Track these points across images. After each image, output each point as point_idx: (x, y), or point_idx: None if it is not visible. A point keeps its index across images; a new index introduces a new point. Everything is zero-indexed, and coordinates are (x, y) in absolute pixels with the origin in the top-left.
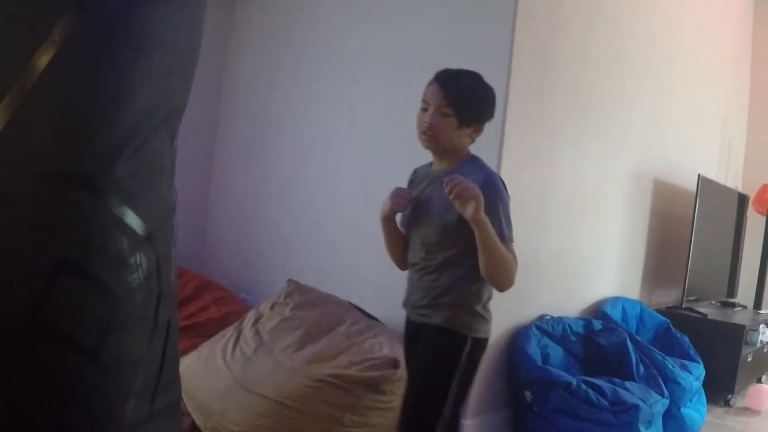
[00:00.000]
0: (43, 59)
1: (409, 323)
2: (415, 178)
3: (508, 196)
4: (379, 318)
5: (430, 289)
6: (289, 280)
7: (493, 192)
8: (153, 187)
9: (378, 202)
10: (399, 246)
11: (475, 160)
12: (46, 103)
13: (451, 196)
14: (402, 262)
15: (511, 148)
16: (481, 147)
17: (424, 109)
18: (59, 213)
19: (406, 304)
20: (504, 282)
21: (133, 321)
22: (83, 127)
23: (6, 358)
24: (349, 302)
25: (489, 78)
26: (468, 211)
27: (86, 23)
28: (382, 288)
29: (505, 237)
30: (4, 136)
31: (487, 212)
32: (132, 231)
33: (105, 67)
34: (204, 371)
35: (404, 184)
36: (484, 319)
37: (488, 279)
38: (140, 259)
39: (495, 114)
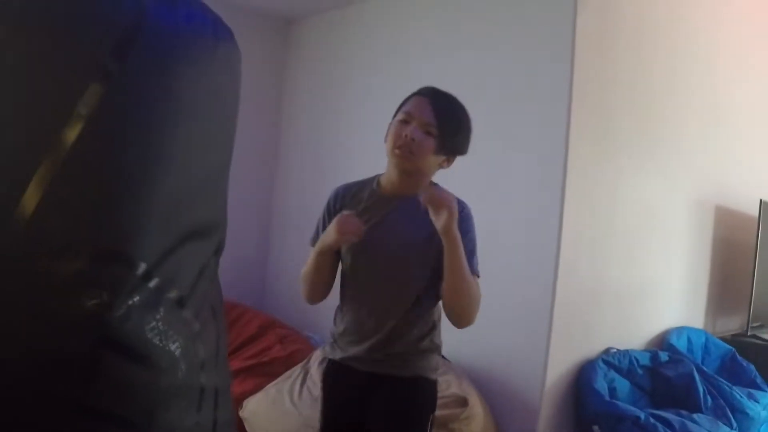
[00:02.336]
0: (71, 134)
1: (350, 372)
2: (351, 198)
3: None
4: (445, 356)
5: (392, 332)
6: None
7: (468, 220)
8: (187, 250)
9: None
10: (328, 279)
11: (439, 188)
12: (78, 179)
13: (425, 201)
14: (322, 296)
15: (573, 179)
16: (543, 184)
17: (404, 122)
18: (97, 289)
19: (341, 347)
20: (465, 312)
21: (178, 393)
22: (115, 202)
23: None
24: None
25: (550, 109)
26: (441, 221)
27: (112, 92)
28: (445, 324)
29: (474, 269)
30: (36, 215)
31: (465, 245)
32: (168, 299)
33: (135, 138)
34: (272, 413)
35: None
36: (440, 355)
37: (449, 307)
38: (178, 327)
39: (557, 149)
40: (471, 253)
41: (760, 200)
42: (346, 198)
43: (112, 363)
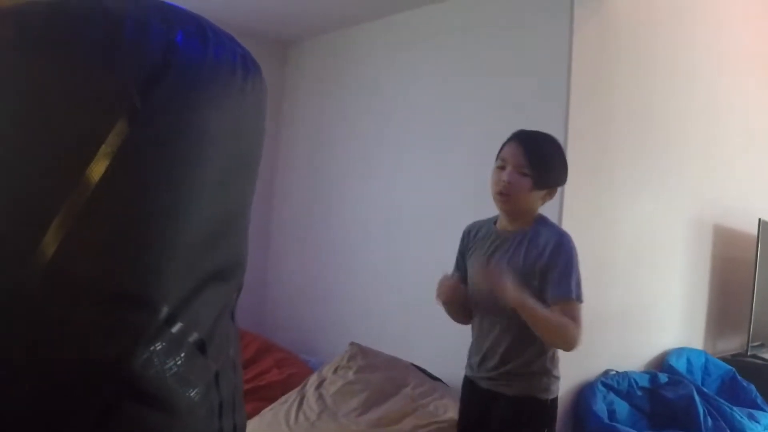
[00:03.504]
0: (96, 172)
1: (474, 389)
2: (474, 235)
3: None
4: (442, 379)
5: (504, 354)
6: (352, 343)
7: (567, 252)
8: (209, 291)
9: (436, 263)
10: (463, 314)
11: (544, 220)
12: (101, 220)
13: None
14: (466, 320)
15: (571, 204)
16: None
17: (501, 168)
18: (119, 337)
19: (473, 369)
20: (564, 346)
21: None
22: (139, 244)
23: None
24: (412, 363)
25: (546, 131)
26: (505, 297)
27: (139, 130)
28: (444, 348)
29: (573, 295)
30: (56, 259)
31: (559, 271)
32: (188, 343)
33: (161, 177)
34: None
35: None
36: (556, 378)
37: (550, 344)
38: (198, 372)
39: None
40: (570, 283)
41: (759, 219)
42: (475, 231)
43: (132, 412)
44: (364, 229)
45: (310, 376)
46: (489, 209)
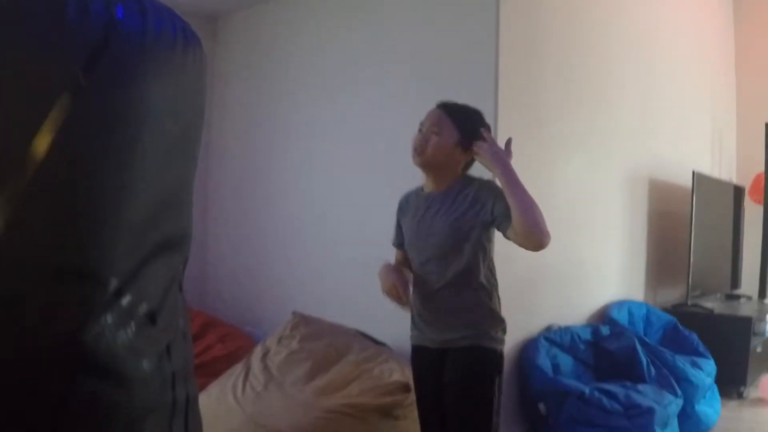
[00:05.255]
0: (42, 146)
1: (425, 354)
2: (406, 202)
3: None
4: (387, 343)
5: (447, 309)
6: (294, 312)
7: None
8: (157, 262)
9: (374, 228)
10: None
11: (471, 178)
12: (46, 196)
13: (481, 158)
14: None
15: None
16: (474, 167)
17: (419, 131)
18: (70, 311)
19: (422, 331)
20: (539, 234)
21: (152, 408)
22: (85, 219)
23: None
24: (356, 330)
25: (477, 96)
26: (484, 161)
27: (83, 104)
28: (387, 313)
29: None
30: (5, 234)
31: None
32: (139, 315)
33: (105, 149)
34: (216, 411)
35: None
36: (504, 328)
37: (524, 228)
38: (150, 342)
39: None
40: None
41: (693, 171)
42: (408, 201)
43: (86, 384)
44: (302, 198)
45: (254, 348)
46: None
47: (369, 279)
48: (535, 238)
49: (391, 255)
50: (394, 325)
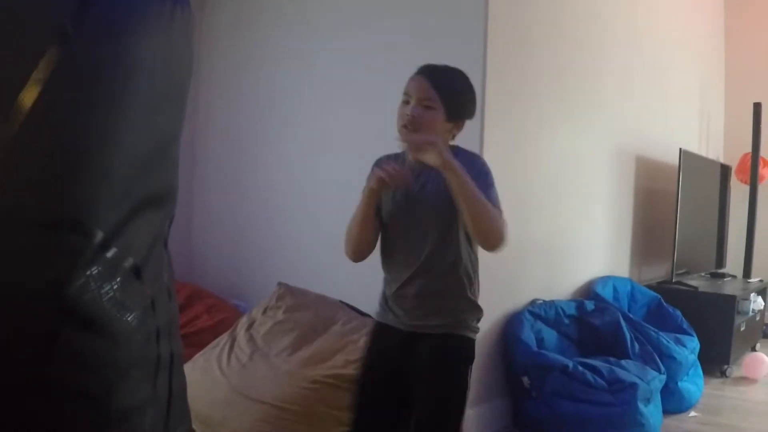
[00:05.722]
0: (29, 98)
1: (392, 335)
2: (385, 164)
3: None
4: (371, 315)
5: (427, 293)
6: (279, 283)
7: (486, 172)
8: (143, 216)
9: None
10: (371, 234)
11: (457, 150)
12: (33, 147)
13: (412, 152)
14: (363, 254)
15: (490, 137)
16: (460, 138)
17: (406, 102)
18: (55, 262)
19: (394, 312)
20: (493, 235)
21: (136, 363)
22: (72, 169)
23: (18, 418)
24: (341, 301)
25: (465, 64)
26: (430, 158)
27: (70, 55)
28: (372, 284)
29: (495, 203)
30: None
31: (481, 184)
32: (124, 268)
33: (93, 102)
34: (201, 381)
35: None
36: (479, 317)
37: (477, 234)
38: (134, 297)
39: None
40: (485, 189)
41: (680, 149)
42: (382, 164)
43: (71, 337)
44: (288, 168)
45: (239, 319)
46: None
47: None
48: (487, 243)
49: None
50: (377, 298)
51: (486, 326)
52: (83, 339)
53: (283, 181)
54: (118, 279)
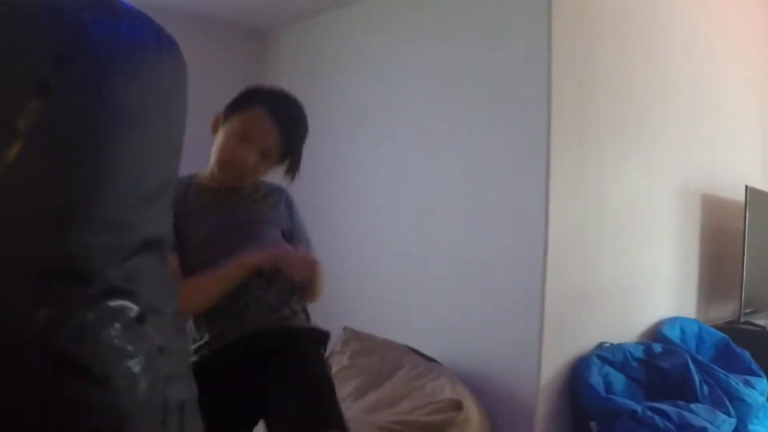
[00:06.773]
0: (11, 154)
1: (216, 367)
2: (185, 193)
3: None
4: (437, 359)
5: (262, 307)
6: (345, 328)
7: (297, 208)
8: (143, 262)
9: (425, 244)
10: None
11: (260, 183)
12: (20, 200)
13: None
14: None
15: (557, 177)
16: (527, 179)
17: (242, 140)
18: (47, 309)
19: (216, 340)
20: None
21: (140, 410)
22: (61, 220)
23: None
24: (407, 345)
25: (529, 107)
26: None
27: (52, 107)
28: (438, 328)
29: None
30: None
31: (300, 227)
32: (124, 314)
33: (78, 153)
34: None
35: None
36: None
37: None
38: (137, 342)
39: (538, 143)
40: (303, 233)
41: (746, 186)
42: (181, 194)
43: (69, 387)
44: (350, 215)
45: None
46: (477, 186)
47: (419, 293)
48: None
49: (436, 270)
50: (444, 341)
51: (553, 370)
52: (82, 389)
53: (346, 222)
54: (117, 325)
